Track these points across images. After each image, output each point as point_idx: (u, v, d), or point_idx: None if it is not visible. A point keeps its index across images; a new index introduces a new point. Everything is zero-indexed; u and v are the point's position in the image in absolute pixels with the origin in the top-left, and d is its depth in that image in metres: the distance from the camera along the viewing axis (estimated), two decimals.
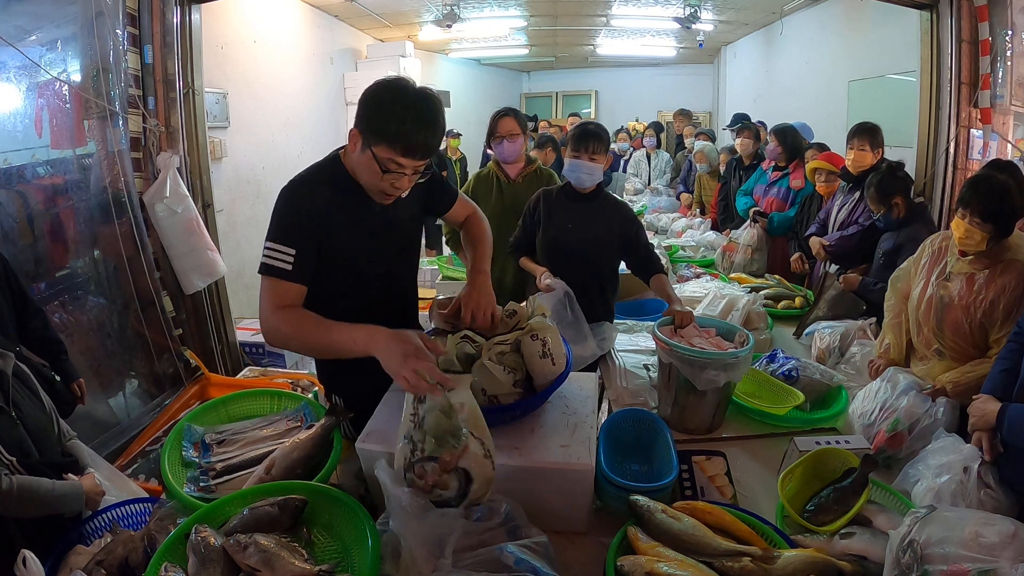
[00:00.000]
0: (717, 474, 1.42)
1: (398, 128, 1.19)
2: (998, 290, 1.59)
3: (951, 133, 2.90)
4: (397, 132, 1.19)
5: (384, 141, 1.20)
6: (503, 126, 2.56)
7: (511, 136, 2.55)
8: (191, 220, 2.89)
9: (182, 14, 2.85)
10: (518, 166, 2.64)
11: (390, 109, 1.20)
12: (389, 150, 1.21)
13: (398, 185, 1.28)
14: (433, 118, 1.23)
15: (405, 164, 1.23)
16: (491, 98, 9.30)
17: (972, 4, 2.83)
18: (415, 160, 1.24)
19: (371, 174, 1.25)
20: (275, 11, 4.56)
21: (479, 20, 6.09)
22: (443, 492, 1.05)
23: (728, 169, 4.12)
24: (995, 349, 1.60)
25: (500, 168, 2.64)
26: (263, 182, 4.28)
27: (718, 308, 2.29)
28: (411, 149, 1.21)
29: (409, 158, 1.22)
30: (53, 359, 1.90)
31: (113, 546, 1.16)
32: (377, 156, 1.22)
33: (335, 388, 1.60)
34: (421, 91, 1.23)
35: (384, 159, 1.22)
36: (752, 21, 6.54)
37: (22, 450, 1.30)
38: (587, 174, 2.01)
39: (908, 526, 1.03)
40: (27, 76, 2.32)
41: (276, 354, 3.34)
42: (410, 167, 1.24)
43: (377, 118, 1.21)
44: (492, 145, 2.62)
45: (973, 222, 1.58)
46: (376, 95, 1.22)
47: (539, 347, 1.26)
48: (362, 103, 1.24)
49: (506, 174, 2.62)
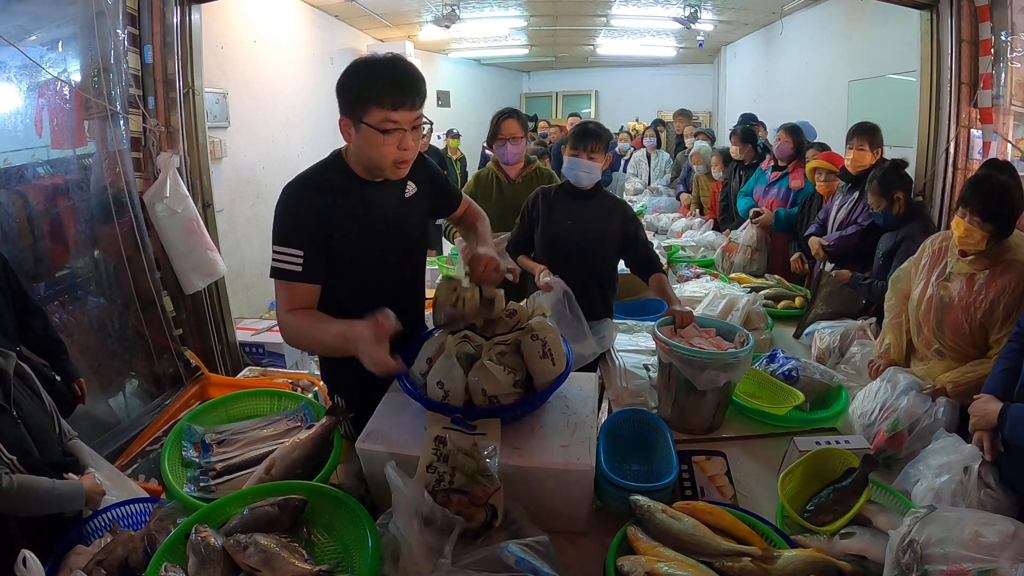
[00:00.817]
0: (717, 474, 1.42)
1: (377, 86, 1.20)
2: (998, 290, 1.59)
3: (951, 133, 2.90)
4: (379, 90, 1.20)
5: (372, 104, 1.20)
6: (506, 128, 2.54)
7: (514, 139, 2.54)
8: (191, 220, 2.88)
9: (182, 14, 2.84)
10: (518, 167, 2.63)
11: (364, 76, 1.21)
12: (379, 110, 1.21)
13: (404, 146, 1.26)
14: (408, 68, 1.23)
15: (399, 118, 1.22)
16: (491, 98, 9.31)
17: (972, 4, 2.82)
18: (407, 111, 1.23)
19: (374, 146, 1.25)
20: (275, 11, 4.56)
21: (479, 20, 6.09)
22: (467, 523, 1.06)
23: (729, 170, 4.12)
24: (995, 349, 1.60)
25: (500, 169, 2.63)
26: (263, 182, 4.28)
27: (718, 308, 2.29)
28: (399, 100, 1.21)
29: (400, 110, 1.22)
30: (53, 359, 1.89)
31: (113, 546, 1.16)
32: (370, 123, 1.22)
33: (337, 387, 1.60)
34: (390, 54, 1.25)
35: (377, 122, 1.21)
36: (752, 21, 6.54)
37: (23, 449, 1.30)
38: (585, 172, 2.01)
39: (908, 526, 1.03)
40: (27, 76, 2.32)
41: (276, 354, 3.35)
42: (406, 120, 1.24)
43: (355, 89, 1.22)
44: (494, 147, 2.61)
45: (973, 221, 1.58)
46: (346, 74, 1.24)
47: (539, 347, 1.26)
48: (339, 90, 1.25)
49: (506, 175, 2.62)
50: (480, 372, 1.20)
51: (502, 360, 1.25)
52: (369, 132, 1.23)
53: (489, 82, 9.78)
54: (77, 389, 1.95)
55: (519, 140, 2.55)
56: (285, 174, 1.39)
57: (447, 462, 1.15)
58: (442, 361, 1.23)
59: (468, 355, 1.28)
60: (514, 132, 2.54)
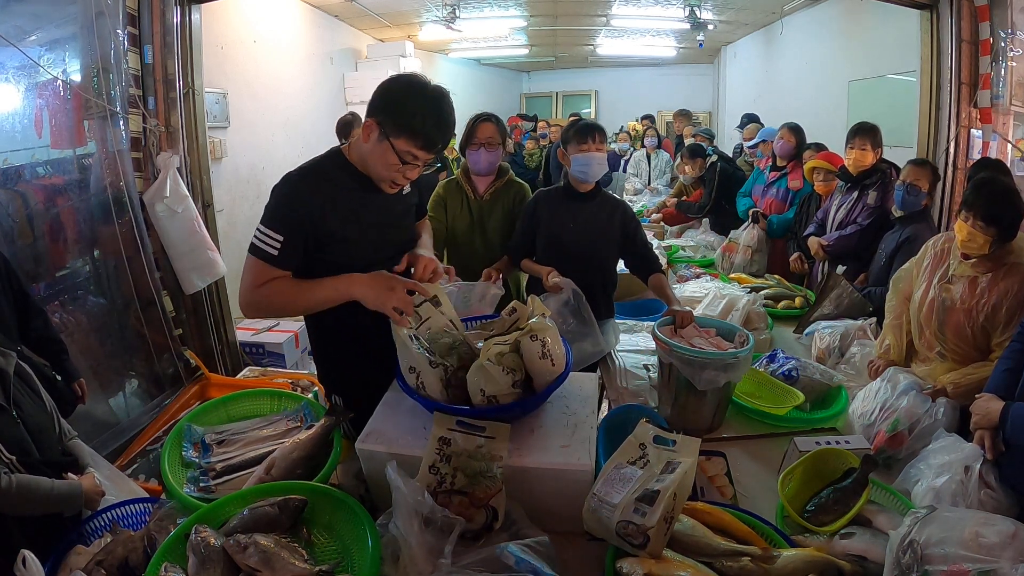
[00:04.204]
0: (717, 474, 1.42)
1: (423, 125, 1.28)
2: (1000, 294, 1.58)
3: (951, 133, 2.90)
4: (422, 129, 1.28)
5: (406, 135, 1.28)
6: (483, 131, 2.24)
7: (490, 144, 2.23)
8: (191, 220, 2.88)
9: (182, 14, 2.84)
10: (488, 179, 2.32)
11: (415, 106, 1.28)
12: (410, 144, 1.29)
13: (409, 176, 1.37)
14: (451, 118, 1.34)
15: (421, 157, 1.32)
16: (491, 98, 9.30)
17: (972, 4, 2.83)
18: (429, 154, 1.33)
19: (385, 164, 1.33)
20: (275, 11, 4.56)
21: (479, 20, 6.09)
22: (467, 524, 1.06)
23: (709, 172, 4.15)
24: (997, 353, 1.59)
25: (468, 180, 2.33)
26: (263, 182, 4.27)
27: (718, 308, 2.28)
28: (430, 145, 1.31)
29: (426, 152, 1.32)
30: (54, 359, 1.90)
31: (113, 546, 1.16)
32: (396, 148, 1.29)
33: (335, 388, 1.60)
34: (440, 90, 1.33)
35: (403, 151, 1.30)
36: (752, 21, 6.54)
37: (22, 449, 1.30)
38: (598, 164, 2.01)
39: (908, 526, 1.02)
40: (27, 76, 2.32)
41: (276, 354, 3.34)
42: (424, 160, 1.34)
43: (402, 113, 1.28)
44: (467, 152, 2.29)
45: (976, 225, 1.56)
46: (400, 91, 1.31)
47: (539, 348, 1.25)
48: (383, 97, 1.31)
49: (474, 188, 2.32)
50: (478, 372, 1.21)
51: (500, 360, 1.25)
52: (389, 152, 1.30)
53: (489, 82, 9.77)
54: (78, 389, 1.96)
55: (495, 148, 2.25)
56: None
57: (450, 463, 1.15)
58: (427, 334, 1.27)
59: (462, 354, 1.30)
60: (491, 136, 2.24)
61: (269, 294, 1.32)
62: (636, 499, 1.03)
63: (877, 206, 2.63)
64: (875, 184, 2.66)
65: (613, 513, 1.03)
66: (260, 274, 1.32)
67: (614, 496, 1.04)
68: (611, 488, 1.06)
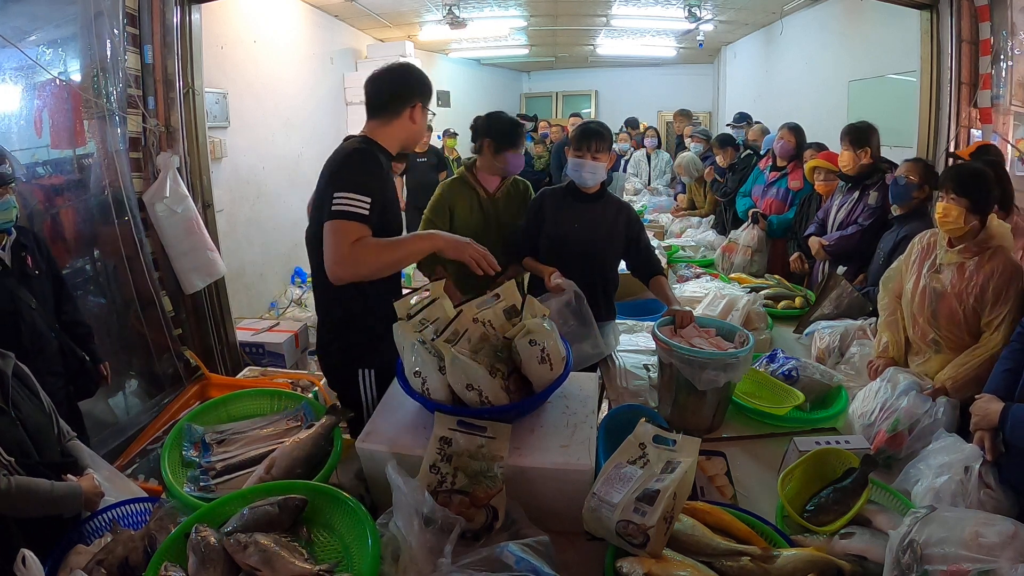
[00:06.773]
0: (717, 474, 1.42)
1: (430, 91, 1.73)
2: (987, 275, 1.65)
3: (951, 133, 2.90)
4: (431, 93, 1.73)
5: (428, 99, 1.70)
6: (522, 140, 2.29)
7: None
8: (191, 220, 2.89)
9: (182, 14, 2.85)
10: (497, 178, 2.31)
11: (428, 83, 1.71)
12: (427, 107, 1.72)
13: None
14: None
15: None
16: (491, 98, 9.30)
17: (972, 4, 2.83)
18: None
19: (421, 126, 1.71)
20: (275, 11, 4.55)
21: (479, 20, 6.09)
22: (468, 524, 1.06)
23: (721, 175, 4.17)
24: (987, 332, 1.65)
25: (476, 180, 2.29)
26: (263, 182, 4.27)
27: (718, 308, 2.29)
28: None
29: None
30: (83, 342, 2.07)
31: (113, 546, 1.16)
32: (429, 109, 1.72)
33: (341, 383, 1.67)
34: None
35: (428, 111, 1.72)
36: (752, 21, 6.54)
37: (21, 450, 1.30)
38: (590, 173, 2.01)
39: (908, 526, 1.03)
40: (27, 76, 2.32)
41: (276, 354, 3.35)
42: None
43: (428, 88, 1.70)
44: (507, 154, 2.22)
45: (950, 199, 1.67)
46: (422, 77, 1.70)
47: (537, 352, 1.24)
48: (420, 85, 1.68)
49: (485, 188, 2.29)
50: (454, 365, 1.18)
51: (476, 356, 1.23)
52: (423, 115, 1.68)
53: (489, 82, 9.77)
54: (103, 369, 2.14)
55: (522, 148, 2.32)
56: (285, 174, 1.42)
57: (450, 463, 1.15)
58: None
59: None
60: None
61: (364, 250, 1.43)
62: (636, 499, 1.03)
63: (878, 206, 2.63)
64: (876, 184, 2.66)
65: (613, 512, 1.03)
66: (351, 232, 1.43)
67: (614, 496, 1.04)
68: (611, 488, 1.06)
